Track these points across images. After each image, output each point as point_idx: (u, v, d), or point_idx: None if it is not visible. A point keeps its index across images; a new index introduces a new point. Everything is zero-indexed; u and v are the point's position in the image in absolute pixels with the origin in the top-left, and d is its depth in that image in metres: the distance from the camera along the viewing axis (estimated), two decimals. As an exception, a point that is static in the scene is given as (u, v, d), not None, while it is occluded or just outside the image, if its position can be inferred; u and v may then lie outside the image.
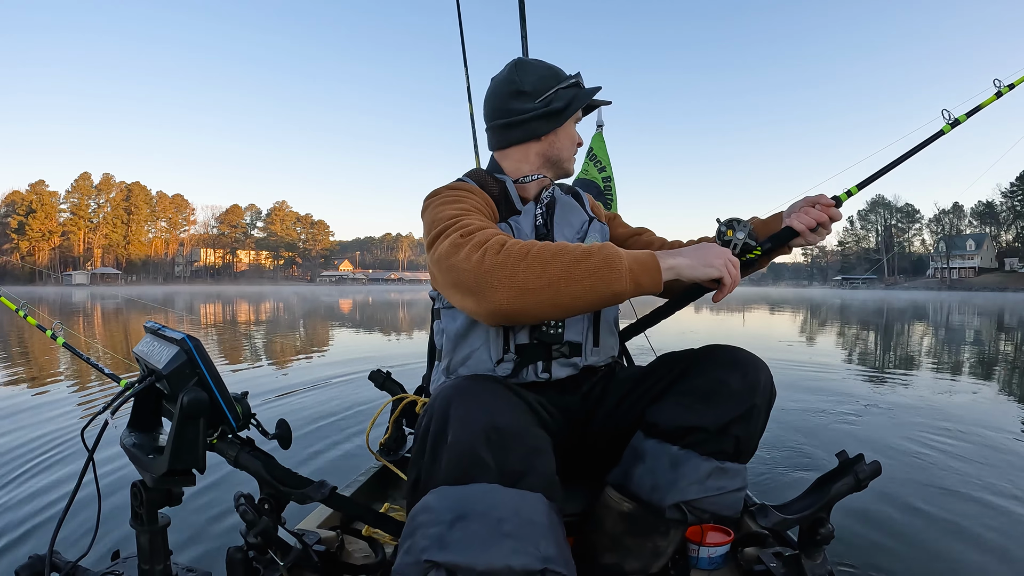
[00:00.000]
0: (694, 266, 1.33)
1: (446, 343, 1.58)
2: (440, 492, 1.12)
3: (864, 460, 1.55)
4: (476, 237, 1.30)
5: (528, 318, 1.27)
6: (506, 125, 1.68)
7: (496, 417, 1.17)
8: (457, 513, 1.08)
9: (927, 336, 13.35)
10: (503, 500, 1.10)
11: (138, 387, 1.36)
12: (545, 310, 1.24)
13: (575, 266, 1.23)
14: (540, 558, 1.07)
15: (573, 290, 1.23)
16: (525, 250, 1.24)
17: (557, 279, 1.22)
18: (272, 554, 1.45)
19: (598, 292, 1.24)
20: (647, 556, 1.53)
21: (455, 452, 1.13)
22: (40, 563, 1.41)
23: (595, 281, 1.23)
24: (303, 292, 62.22)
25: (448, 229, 1.37)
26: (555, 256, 1.24)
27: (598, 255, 1.25)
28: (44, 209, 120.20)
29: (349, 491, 2.23)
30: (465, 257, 1.26)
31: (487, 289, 1.22)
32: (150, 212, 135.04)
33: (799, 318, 19.27)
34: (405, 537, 1.12)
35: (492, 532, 1.06)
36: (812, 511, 1.53)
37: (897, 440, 3.95)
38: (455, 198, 1.52)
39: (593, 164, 3.52)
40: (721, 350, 1.51)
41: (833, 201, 1.62)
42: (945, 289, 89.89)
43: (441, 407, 1.20)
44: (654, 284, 1.29)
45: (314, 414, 4.61)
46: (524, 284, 1.21)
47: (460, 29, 3.24)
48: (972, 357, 9.23)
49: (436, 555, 1.04)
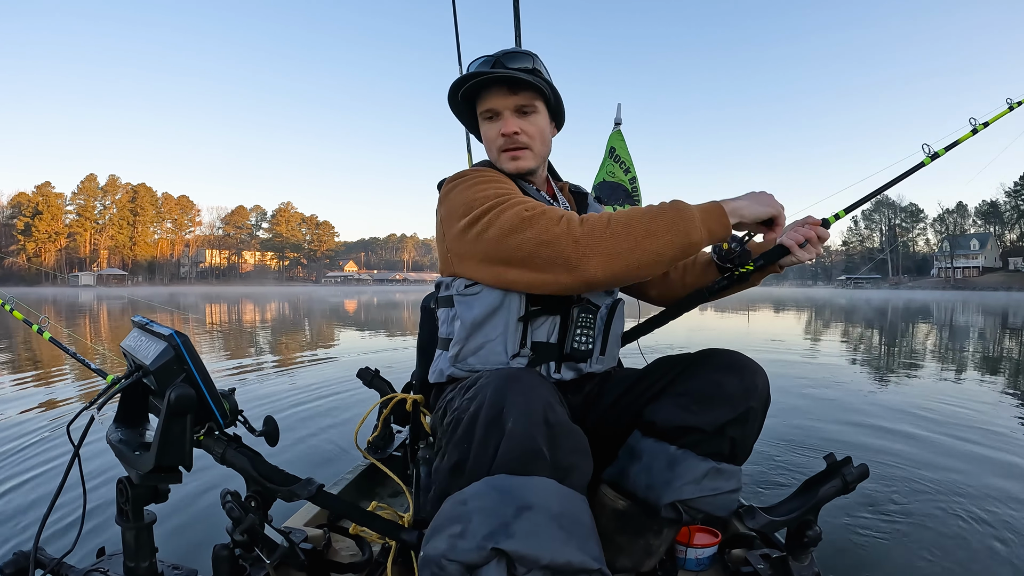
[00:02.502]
0: (752, 206, 1.39)
1: (459, 331, 1.53)
2: (499, 479, 1.11)
3: (852, 463, 1.56)
4: (548, 212, 1.33)
5: (617, 281, 1.33)
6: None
7: (550, 411, 1.17)
8: (521, 503, 1.06)
9: (930, 336, 13.31)
10: (560, 496, 1.11)
11: (124, 382, 1.35)
12: (631, 270, 1.29)
13: (654, 222, 1.29)
14: (594, 557, 1.08)
15: (656, 246, 1.28)
16: (606, 219, 1.30)
17: (642, 238, 1.28)
18: (258, 552, 1.44)
19: (678, 244, 1.29)
20: (639, 554, 1.54)
21: (515, 441, 1.12)
22: (24, 559, 1.41)
23: (674, 234, 1.29)
24: (308, 293, 62.29)
25: (503, 204, 1.37)
26: (633, 219, 1.29)
27: (671, 209, 1.31)
28: (50, 211, 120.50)
29: (336, 489, 2.24)
30: (546, 229, 1.30)
31: (580, 258, 1.28)
32: (156, 213, 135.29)
33: (801, 318, 19.20)
34: (452, 520, 1.09)
35: (554, 526, 1.06)
36: (800, 513, 1.53)
37: (885, 442, 3.95)
38: (489, 179, 1.51)
39: (618, 165, 3.41)
40: (719, 354, 1.52)
41: (820, 221, 1.66)
42: (949, 289, 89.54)
43: (496, 394, 1.18)
44: (724, 228, 1.36)
45: (302, 411, 4.64)
46: (615, 249, 1.27)
47: (455, 29, 3.22)
48: (971, 357, 9.21)
49: (504, 543, 1.02)
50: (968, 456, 3.64)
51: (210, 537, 2.19)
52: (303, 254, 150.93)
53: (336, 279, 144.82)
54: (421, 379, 1.94)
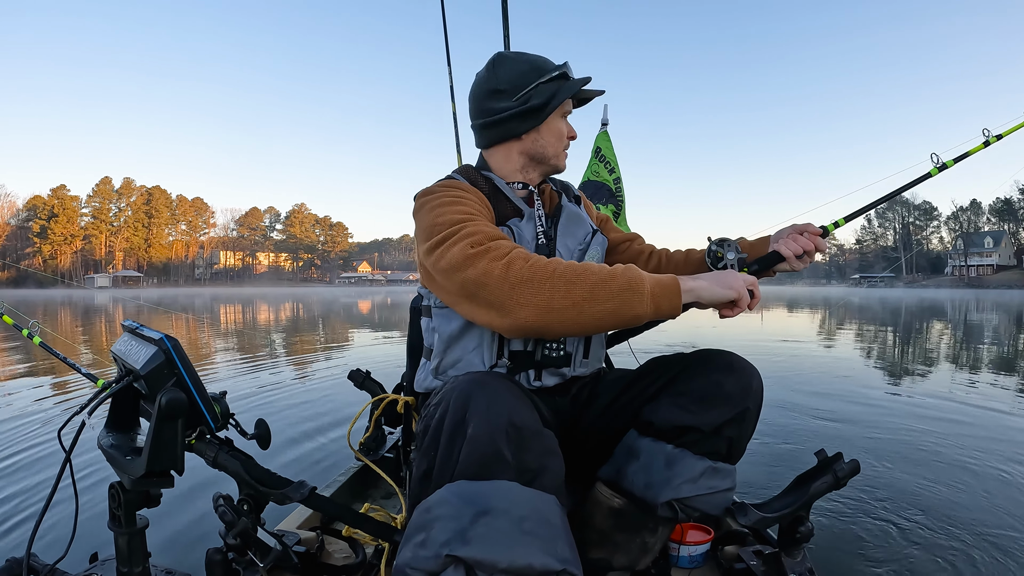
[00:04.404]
0: (712, 288, 1.33)
1: (437, 343, 1.56)
2: (460, 486, 1.11)
3: (843, 459, 1.57)
4: (493, 249, 1.30)
5: (550, 335, 1.29)
6: (485, 125, 1.66)
7: (515, 415, 1.16)
8: (479, 508, 1.07)
9: (940, 335, 13.22)
10: (523, 499, 1.10)
11: (115, 387, 1.36)
12: (568, 328, 1.26)
13: (599, 288, 1.24)
14: (559, 559, 1.08)
15: (596, 311, 1.24)
16: (551, 269, 1.26)
17: (581, 300, 1.23)
18: (251, 555, 1.45)
19: (620, 314, 1.25)
20: (635, 552, 1.54)
21: (476, 446, 1.12)
22: (17, 566, 1.41)
23: (618, 304, 1.24)
24: (322, 294, 62.51)
25: (454, 236, 1.36)
26: (580, 276, 1.25)
27: (622, 277, 1.26)
28: (66, 213, 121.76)
29: (329, 491, 2.24)
30: (485, 271, 1.27)
31: (513, 306, 1.25)
32: (170, 215, 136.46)
33: (800, 318, 19.10)
34: (417, 529, 1.10)
35: (514, 530, 1.05)
36: (792, 509, 1.54)
37: (877, 438, 3.96)
38: (454, 199, 1.50)
39: (603, 165, 3.43)
40: (716, 354, 1.52)
41: (820, 230, 1.65)
42: (964, 287, 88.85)
43: (459, 399, 1.18)
44: (673, 308, 1.30)
45: (294, 414, 4.65)
46: (549, 303, 1.23)
47: (444, 28, 3.22)
48: (977, 356, 9.17)
49: (459, 550, 1.03)
50: (971, 454, 3.63)
51: (203, 541, 2.20)
52: (317, 255, 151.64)
53: (350, 280, 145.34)
54: (411, 380, 1.95)
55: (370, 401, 2.13)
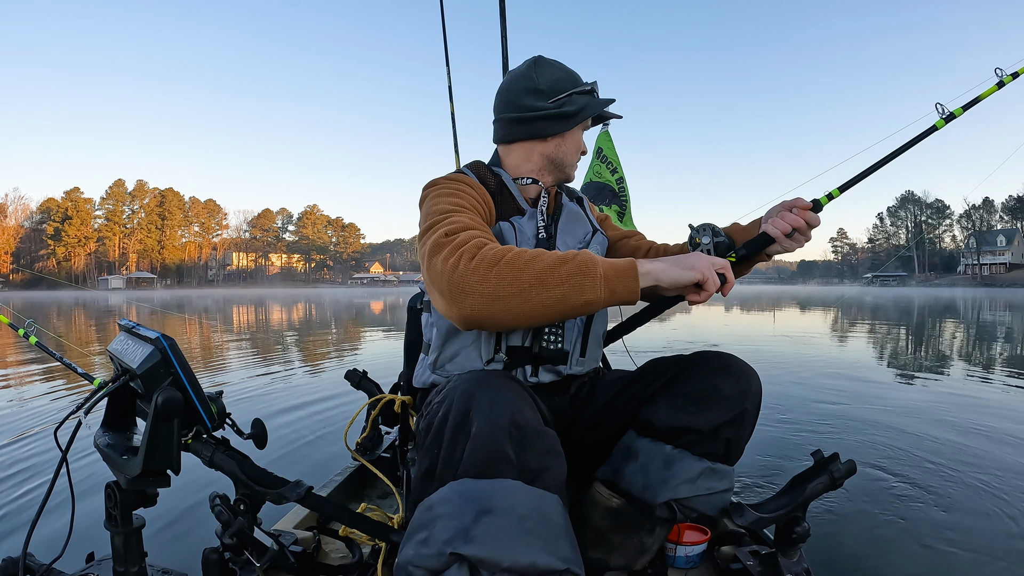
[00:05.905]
0: (672, 270, 1.27)
1: (435, 337, 1.57)
2: (462, 484, 1.11)
3: (839, 459, 1.56)
4: (457, 239, 1.28)
5: (498, 326, 1.23)
6: (515, 120, 1.66)
7: (518, 414, 1.16)
8: (482, 507, 1.07)
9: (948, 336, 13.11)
10: (526, 498, 1.10)
11: (111, 386, 1.35)
12: (515, 317, 1.20)
13: (548, 273, 1.20)
14: (561, 558, 1.08)
15: (543, 298, 1.19)
16: (499, 256, 1.21)
17: (528, 286, 1.19)
18: (248, 555, 1.45)
19: (569, 301, 1.20)
20: (632, 552, 1.55)
21: (479, 445, 1.12)
22: (14, 566, 1.41)
23: (567, 289, 1.19)
24: (334, 294, 62.61)
25: (436, 225, 1.35)
26: (529, 263, 1.21)
27: (573, 262, 1.22)
28: (79, 216, 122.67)
29: (326, 491, 2.24)
30: (443, 259, 1.24)
31: (459, 295, 1.20)
32: (183, 217, 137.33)
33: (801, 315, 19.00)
34: (419, 527, 1.10)
35: (517, 529, 1.06)
36: (788, 510, 1.54)
37: (875, 438, 3.93)
38: (452, 191, 1.50)
39: (605, 166, 3.42)
40: (715, 356, 1.52)
41: (811, 204, 1.58)
42: (977, 286, 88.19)
43: (463, 398, 1.19)
44: (630, 292, 1.24)
45: (291, 413, 4.65)
46: (494, 291, 1.18)
47: (443, 33, 3.21)
48: (979, 357, 9.09)
49: (462, 548, 1.03)
50: (969, 454, 3.61)
51: (199, 541, 2.20)
52: (329, 256, 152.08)
53: (362, 280, 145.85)
54: (408, 379, 1.96)
55: (367, 401, 2.13)
